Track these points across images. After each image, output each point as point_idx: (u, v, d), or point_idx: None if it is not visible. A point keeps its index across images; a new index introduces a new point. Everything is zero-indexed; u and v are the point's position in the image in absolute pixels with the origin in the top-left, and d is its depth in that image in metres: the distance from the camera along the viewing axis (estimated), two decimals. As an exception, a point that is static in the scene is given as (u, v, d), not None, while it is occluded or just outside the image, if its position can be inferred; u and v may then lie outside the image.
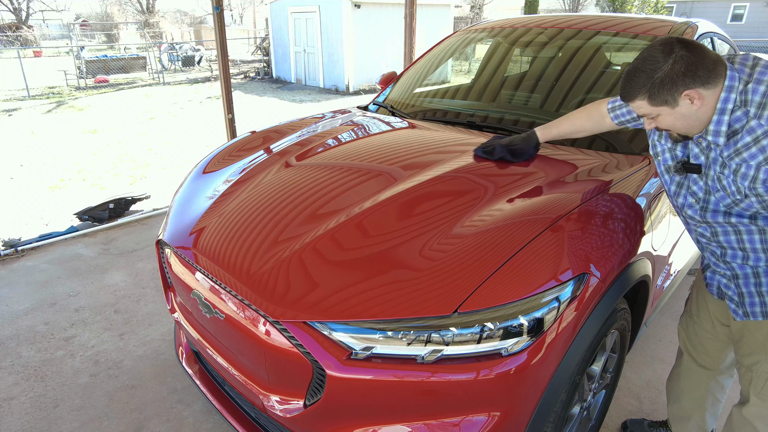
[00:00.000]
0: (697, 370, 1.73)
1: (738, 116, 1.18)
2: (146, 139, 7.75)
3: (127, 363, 2.40)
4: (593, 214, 1.48)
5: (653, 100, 1.20)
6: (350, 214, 1.55)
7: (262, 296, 1.36)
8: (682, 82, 1.15)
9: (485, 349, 1.22)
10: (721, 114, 1.19)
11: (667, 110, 1.21)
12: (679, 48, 1.15)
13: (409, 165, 1.83)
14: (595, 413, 1.87)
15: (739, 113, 1.18)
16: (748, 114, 1.16)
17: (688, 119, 1.21)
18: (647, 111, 1.24)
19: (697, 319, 1.67)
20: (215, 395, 1.79)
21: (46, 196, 5.12)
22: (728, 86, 1.17)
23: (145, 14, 31.52)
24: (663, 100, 1.19)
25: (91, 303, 2.91)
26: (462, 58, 11.40)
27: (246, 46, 25.42)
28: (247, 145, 2.33)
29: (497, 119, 2.32)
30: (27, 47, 23.43)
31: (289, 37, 14.83)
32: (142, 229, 3.95)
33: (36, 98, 12.03)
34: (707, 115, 1.20)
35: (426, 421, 1.26)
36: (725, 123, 1.19)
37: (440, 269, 1.29)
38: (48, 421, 2.06)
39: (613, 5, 17.61)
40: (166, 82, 14.73)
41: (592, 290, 1.34)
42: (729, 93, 1.17)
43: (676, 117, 1.21)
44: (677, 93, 1.17)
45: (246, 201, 1.77)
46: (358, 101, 10.37)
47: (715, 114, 1.19)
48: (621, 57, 2.43)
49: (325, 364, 1.24)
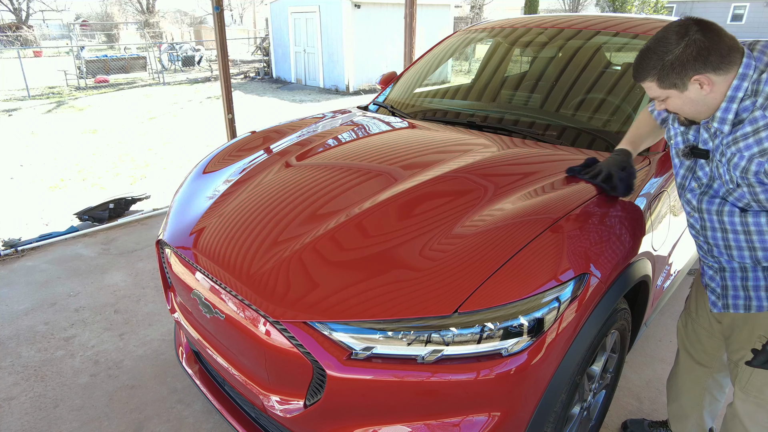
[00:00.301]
0: (695, 368, 1.74)
1: (746, 105, 1.16)
2: (146, 139, 7.75)
3: (127, 363, 2.40)
4: (593, 214, 1.48)
5: (662, 83, 1.19)
6: (350, 214, 1.55)
7: (262, 296, 1.36)
8: (692, 67, 1.14)
9: (485, 349, 1.22)
10: (731, 102, 1.17)
11: (676, 94, 1.20)
12: (694, 31, 1.13)
13: (409, 165, 1.83)
14: (595, 413, 1.87)
15: (747, 102, 1.15)
16: (756, 104, 1.14)
17: (696, 104, 1.20)
18: (656, 93, 1.23)
19: (695, 316, 1.68)
20: (215, 395, 1.79)
21: (46, 196, 5.12)
22: (742, 74, 1.14)
23: (145, 14, 31.53)
24: (672, 83, 1.18)
25: (91, 303, 2.91)
26: (462, 58, 11.40)
27: (246, 46, 25.42)
28: (247, 145, 2.33)
29: (497, 119, 2.32)
30: (27, 47, 23.43)
31: (289, 37, 14.83)
32: (142, 229, 3.95)
33: (36, 98, 12.03)
34: (716, 101, 1.18)
35: (426, 421, 1.26)
36: (733, 111, 1.17)
37: (440, 269, 1.29)
38: (48, 421, 2.06)
39: (613, 5, 17.62)
40: (166, 82, 14.73)
41: (593, 290, 1.34)
42: (741, 81, 1.15)
43: (684, 101, 1.20)
44: (686, 77, 1.15)
45: (246, 201, 1.77)
46: (358, 101, 10.36)
47: (724, 101, 1.17)
48: (621, 57, 2.43)
49: (325, 364, 1.24)
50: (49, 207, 4.78)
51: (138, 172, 5.96)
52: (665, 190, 1.82)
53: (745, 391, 1.44)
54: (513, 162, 1.84)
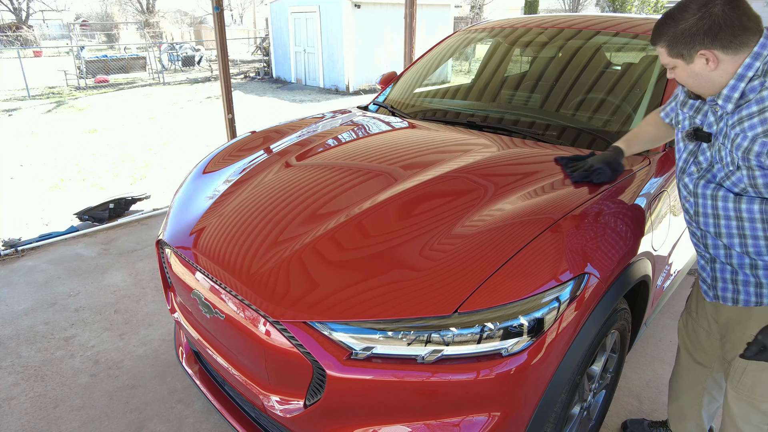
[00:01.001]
0: (695, 368, 1.74)
1: (754, 86, 1.15)
2: (146, 139, 7.75)
3: (127, 363, 2.40)
4: (593, 214, 1.48)
5: (671, 50, 1.20)
6: (350, 214, 1.55)
7: (262, 296, 1.36)
8: (701, 41, 1.14)
9: (485, 350, 1.22)
10: (739, 80, 1.16)
11: (682, 64, 1.20)
12: (717, 4, 1.12)
13: (409, 165, 1.83)
14: (595, 413, 1.87)
15: (756, 83, 1.14)
16: (764, 84, 1.13)
17: (699, 79, 1.20)
18: (665, 60, 1.24)
19: (695, 316, 1.68)
20: (215, 395, 1.79)
21: (46, 196, 5.12)
22: (756, 53, 1.13)
23: (145, 14, 31.53)
24: (679, 53, 1.18)
25: (91, 303, 2.91)
26: (462, 58, 11.40)
27: (246, 46, 25.41)
28: (247, 145, 2.33)
29: (497, 119, 2.32)
30: (27, 47, 23.42)
31: (289, 37, 14.83)
32: (142, 229, 3.95)
33: (36, 98, 12.03)
34: (722, 79, 1.17)
35: (426, 422, 1.26)
36: (739, 90, 1.16)
37: (440, 269, 1.29)
38: (48, 421, 2.06)
39: (613, 5, 17.60)
40: (166, 82, 14.73)
41: (593, 290, 1.34)
42: (754, 60, 1.13)
43: (688, 74, 1.21)
44: (694, 50, 1.15)
45: (246, 201, 1.77)
46: (358, 101, 10.36)
47: (733, 79, 1.16)
48: (621, 57, 2.43)
49: (325, 364, 1.24)
50: (49, 207, 4.78)
51: (138, 172, 5.96)
52: (665, 190, 1.82)
53: (737, 390, 1.44)
54: (513, 162, 1.84)
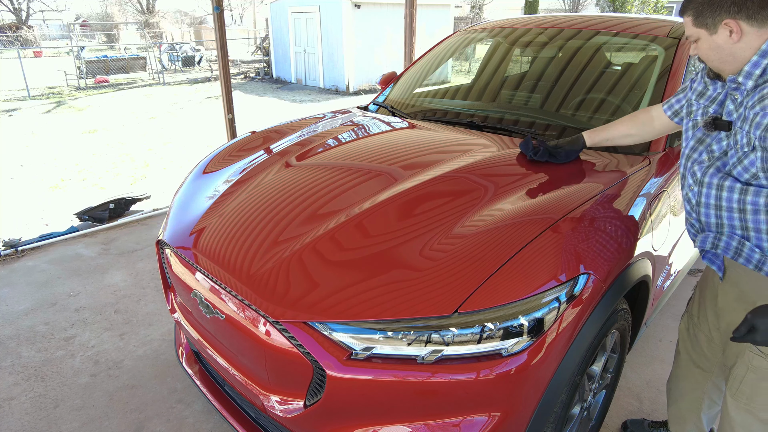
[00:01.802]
0: (695, 371, 1.73)
1: None
2: (146, 139, 7.75)
3: (127, 363, 2.40)
4: (593, 214, 1.48)
5: (696, 20, 1.19)
6: (350, 214, 1.55)
7: (262, 296, 1.36)
8: (726, 9, 1.13)
9: (485, 350, 1.22)
10: (763, 56, 1.13)
11: (705, 35, 1.19)
12: None
13: (409, 165, 1.83)
14: (596, 413, 1.87)
15: None
16: None
17: (721, 52, 1.18)
18: (690, 31, 1.23)
19: (696, 321, 1.67)
20: (215, 395, 1.79)
21: (47, 196, 5.12)
22: None
23: (145, 14, 31.54)
24: (704, 22, 1.17)
25: (91, 303, 2.91)
26: (462, 58, 11.39)
27: (246, 46, 25.41)
28: (247, 146, 2.33)
29: (497, 119, 2.32)
30: (27, 47, 23.43)
31: (289, 37, 14.83)
32: (142, 229, 3.95)
33: (36, 98, 12.03)
34: (745, 54, 1.16)
35: (426, 422, 1.26)
36: (761, 67, 1.13)
37: (440, 269, 1.29)
38: (48, 421, 2.06)
39: (613, 5, 17.60)
40: (166, 82, 14.73)
41: (593, 290, 1.34)
42: None
43: (711, 45, 1.19)
44: (719, 18, 1.14)
45: (246, 201, 1.77)
46: (358, 101, 10.37)
47: (756, 54, 1.14)
48: (621, 57, 2.43)
49: (325, 365, 1.24)
50: (49, 207, 4.78)
51: (138, 172, 5.96)
52: (665, 190, 1.82)
53: (736, 398, 1.43)
54: (513, 162, 1.84)
